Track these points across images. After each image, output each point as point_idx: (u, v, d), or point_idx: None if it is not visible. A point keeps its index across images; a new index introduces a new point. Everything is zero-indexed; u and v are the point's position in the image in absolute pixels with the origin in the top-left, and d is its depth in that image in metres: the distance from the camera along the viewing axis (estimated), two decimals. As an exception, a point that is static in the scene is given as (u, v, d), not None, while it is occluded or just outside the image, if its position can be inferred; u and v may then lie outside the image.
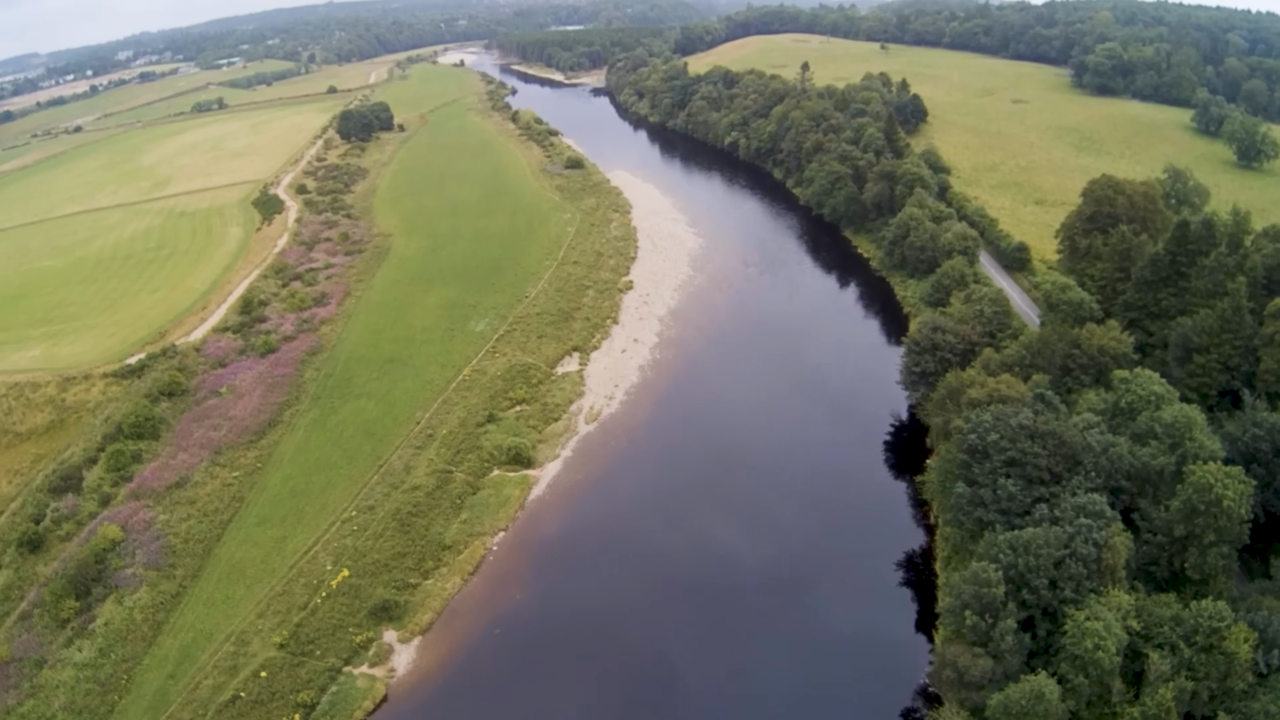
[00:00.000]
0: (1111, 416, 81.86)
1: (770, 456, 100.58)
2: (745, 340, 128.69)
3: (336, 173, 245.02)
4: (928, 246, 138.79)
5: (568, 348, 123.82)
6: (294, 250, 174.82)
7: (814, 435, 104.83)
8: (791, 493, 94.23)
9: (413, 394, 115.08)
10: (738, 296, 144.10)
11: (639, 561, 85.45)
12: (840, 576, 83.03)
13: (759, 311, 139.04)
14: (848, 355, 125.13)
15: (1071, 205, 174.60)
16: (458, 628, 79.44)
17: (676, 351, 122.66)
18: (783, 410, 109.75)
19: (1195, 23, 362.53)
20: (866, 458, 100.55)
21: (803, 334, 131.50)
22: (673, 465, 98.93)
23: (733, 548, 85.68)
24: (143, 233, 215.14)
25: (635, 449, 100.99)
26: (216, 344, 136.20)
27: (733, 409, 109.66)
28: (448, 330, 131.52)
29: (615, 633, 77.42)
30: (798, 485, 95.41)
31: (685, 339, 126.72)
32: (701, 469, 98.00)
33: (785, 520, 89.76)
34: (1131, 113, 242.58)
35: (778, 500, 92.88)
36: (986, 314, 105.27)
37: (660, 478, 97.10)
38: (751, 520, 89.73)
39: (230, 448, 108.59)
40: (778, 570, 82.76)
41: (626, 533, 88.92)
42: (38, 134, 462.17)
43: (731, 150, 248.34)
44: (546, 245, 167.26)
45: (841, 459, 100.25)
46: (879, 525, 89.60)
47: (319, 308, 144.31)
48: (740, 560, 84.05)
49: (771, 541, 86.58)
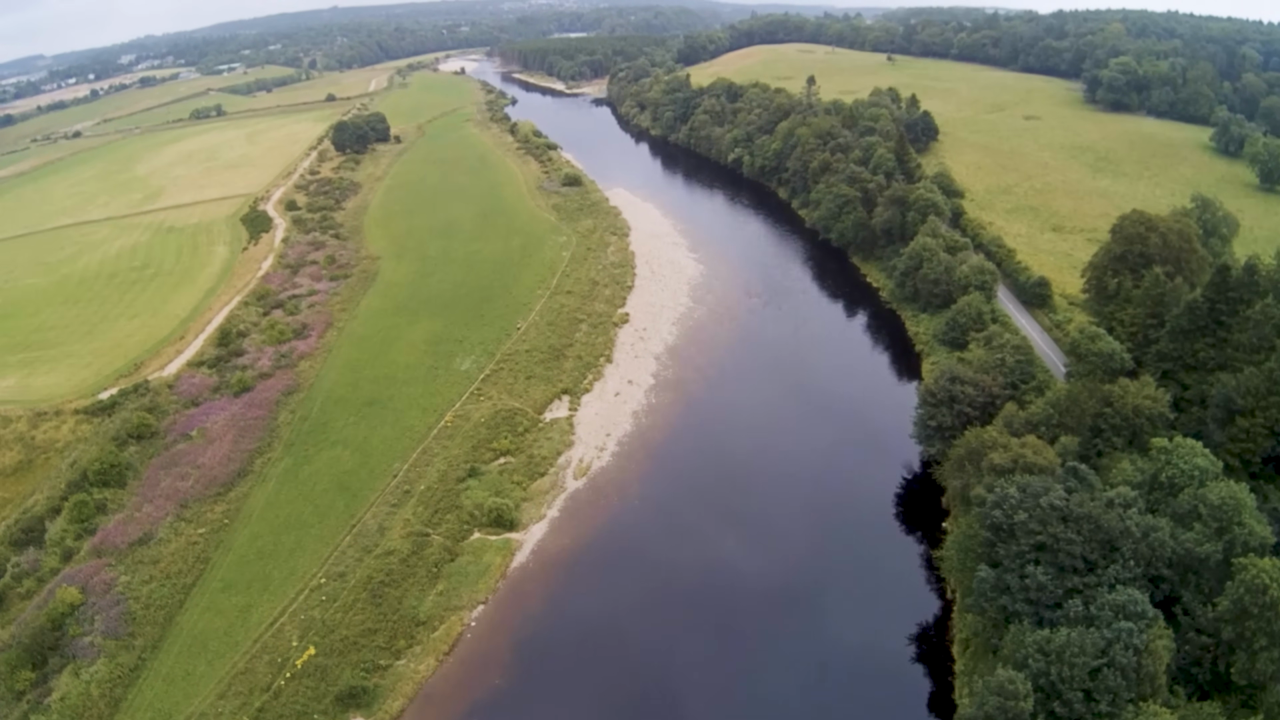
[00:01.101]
0: (1149, 490, 74.38)
1: (773, 514, 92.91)
2: (747, 382, 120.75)
3: (328, 188, 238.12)
4: (942, 280, 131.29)
5: (557, 390, 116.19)
6: (278, 274, 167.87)
7: (820, 491, 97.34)
8: (797, 558, 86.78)
9: (391, 442, 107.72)
10: (740, 331, 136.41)
11: (626, 643, 78.01)
12: (850, 656, 75.55)
13: (762, 349, 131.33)
14: (857, 399, 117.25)
15: (1090, 231, 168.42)
16: (431, 717, 72.18)
17: (674, 395, 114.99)
18: (786, 462, 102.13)
19: (1208, 35, 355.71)
20: (877, 517, 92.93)
21: (808, 374, 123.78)
22: (666, 528, 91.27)
23: (730, 620, 78.13)
24: (129, 250, 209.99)
25: (627, 510, 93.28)
26: (190, 381, 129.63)
27: (732, 462, 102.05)
28: (431, 369, 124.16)
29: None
30: (803, 549, 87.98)
31: (684, 380, 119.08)
32: (697, 532, 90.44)
33: (792, 589, 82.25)
34: (1147, 131, 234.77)
35: (782, 565, 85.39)
36: (1009, 364, 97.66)
37: (653, 544, 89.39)
38: (752, 588, 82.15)
39: (197, 500, 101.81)
40: (783, 648, 75.31)
41: (614, 610, 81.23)
42: (37, 139, 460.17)
43: (735, 167, 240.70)
44: (540, 272, 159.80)
45: (851, 520, 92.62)
46: (891, 595, 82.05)
47: (299, 340, 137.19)
48: (740, 635, 76.53)
49: (775, 613, 79.09)
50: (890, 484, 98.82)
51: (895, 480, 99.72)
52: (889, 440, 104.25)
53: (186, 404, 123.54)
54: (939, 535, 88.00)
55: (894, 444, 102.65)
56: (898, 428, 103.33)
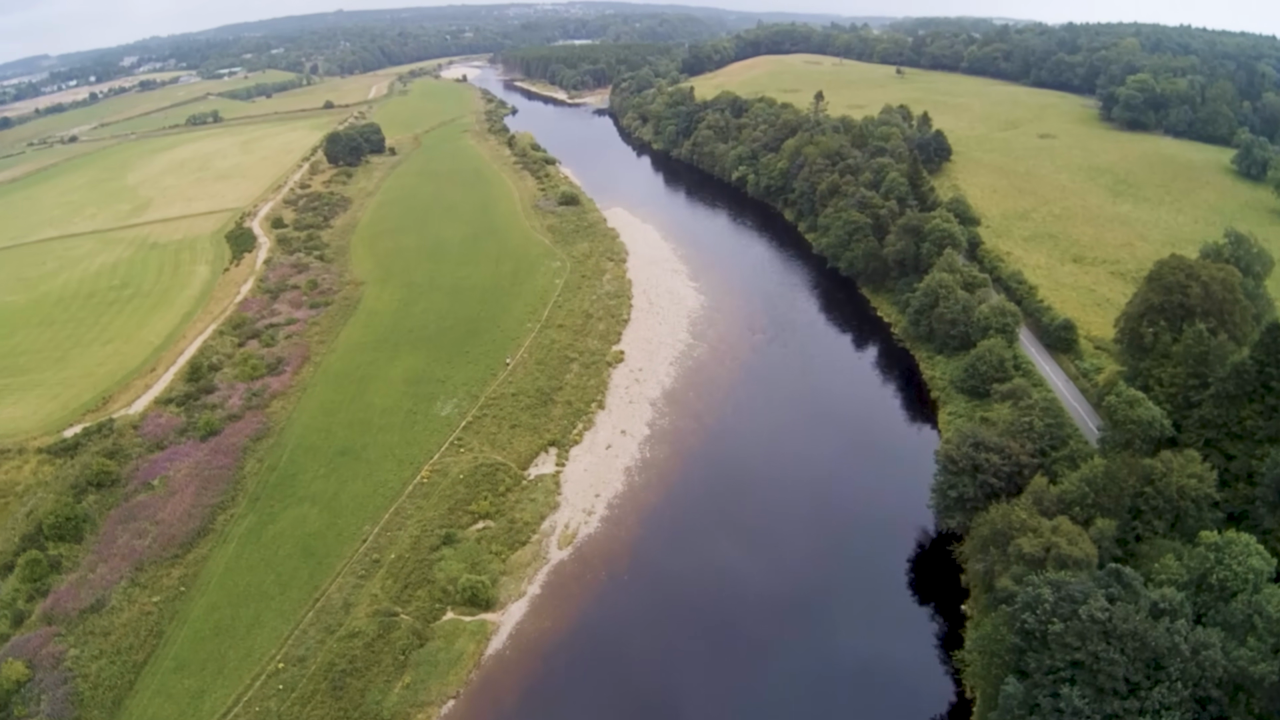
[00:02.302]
0: (1197, 590, 65.97)
1: (777, 590, 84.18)
2: (749, 434, 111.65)
3: (317, 203, 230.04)
4: (960, 320, 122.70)
5: (544, 441, 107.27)
6: (256, 300, 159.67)
7: (828, 562, 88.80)
8: (802, 642, 78.09)
9: (362, 500, 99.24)
10: (743, 373, 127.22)
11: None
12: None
13: (766, 394, 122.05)
14: (867, 451, 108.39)
15: (1113, 263, 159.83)
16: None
17: (670, 449, 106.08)
18: (791, 529, 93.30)
19: (1223, 50, 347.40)
20: (892, 595, 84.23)
21: (815, 425, 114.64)
22: (658, 609, 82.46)
23: None
24: (110, 267, 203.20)
25: (615, 588, 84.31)
26: (157, 421, 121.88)
27: (731, 528, 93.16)
28: (410, 413, 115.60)
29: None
30: (809, 632, 79.28)
31: (681, 431, 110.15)
32: (692, 614, 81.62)
33: (796, 676, 73.70)
34: (1167, 152, 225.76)
35: (786, 650, 76.84)
36: (1038, 428, 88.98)
37: (643, 629, 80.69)
38: (754, 674, 73.51)
39: (154, 563, 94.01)
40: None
41: (598, 711, 72.55)
42: (34, 143, 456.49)
43: (739, 186, 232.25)
44: (531, 302, 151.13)
45: (863, 601, 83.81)
46: (902, 691, 73.26)
47: (272, 377, 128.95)
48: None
49: (780, 701, 70.50)
50: (904, 551, 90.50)
51: (909, 546, 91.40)
52: (902, 502, 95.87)
53: (151, 447, 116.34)
54: (957, 617, 79.64)
55: (907, 506, 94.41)
56: (911, 487, 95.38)
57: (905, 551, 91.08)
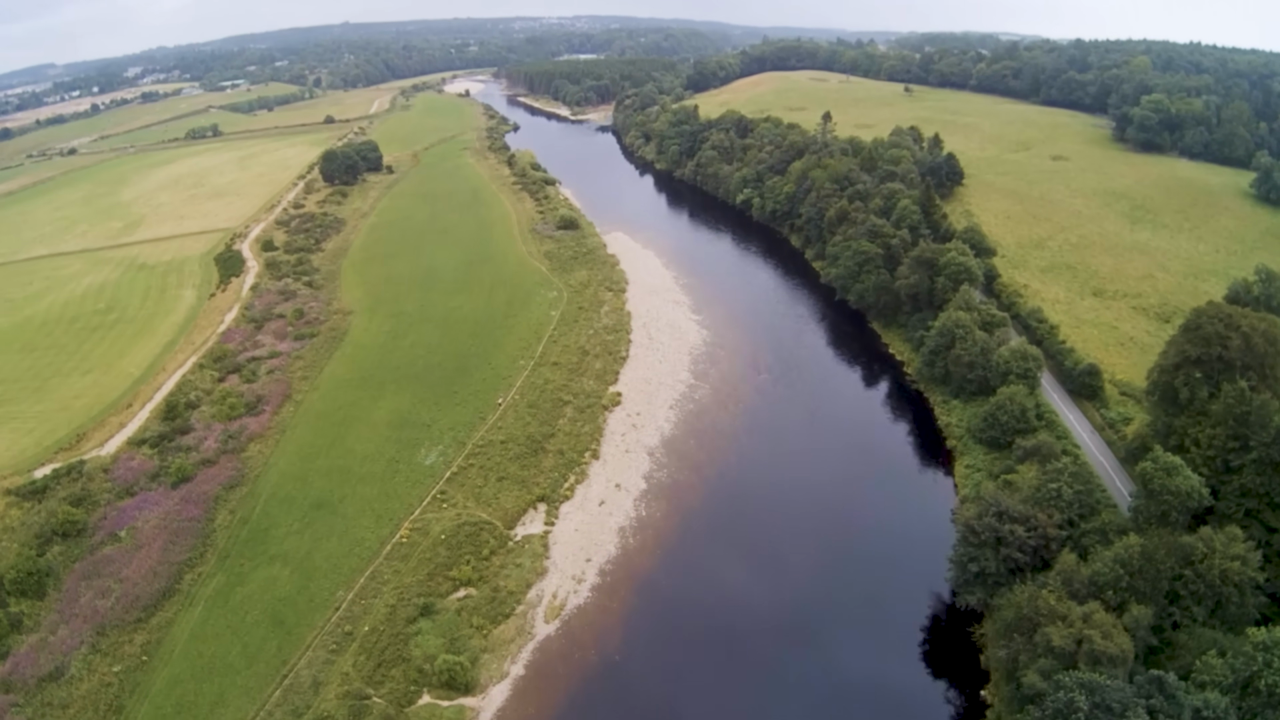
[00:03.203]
0: (1242, 694, 59.05)
1: (779, 666, 76.90)
2: (753, 489, 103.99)
3: (310, 225, 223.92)
4: (978, 363, 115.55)
5: (533, 497, 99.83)
6: (240, 330, 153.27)
7: (836, 638, 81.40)
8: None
9: (337, 560, 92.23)
10: (747, 419, 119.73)
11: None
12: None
13: (772, 444, 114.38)
14: (879, 511, 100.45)
15: (1134, 297, 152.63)
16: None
17: (668, 506, 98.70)
18: (796, 599, 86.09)
19: (1236, 69, 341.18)
20: (904, 674, 76.87)
21: (823, 477, 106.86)
22: (654, 694, 75.12)
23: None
24: (96, 289, 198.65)
25: (606, 669, 76.74)
26: (129, 464, 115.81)
27: (732, 598, 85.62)
28: (392, 461, 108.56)
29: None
30: (815, 710, 71.98)
31: (680, 486, 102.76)
32: (692, 694, 74.25)
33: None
34: (1183, 175, 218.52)
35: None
36: (1066, 496, 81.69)
37: (636, 715, 73.46)
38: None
39: (116, 626, 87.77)
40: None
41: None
42: (33, 154, 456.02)
43: (744, 209, 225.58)
44: (525, 336, 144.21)
45: (873, 676, 76.52)
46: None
47: (251, 417, 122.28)
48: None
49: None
50: (918, 620, 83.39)
51: (923, 615, 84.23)
52: (917, 568, 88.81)
53: (121, 492, 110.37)
54: (976, 703, 72.43)
55: (922, 571, 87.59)
56: (926, 551, 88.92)
57: (920, 620, 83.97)
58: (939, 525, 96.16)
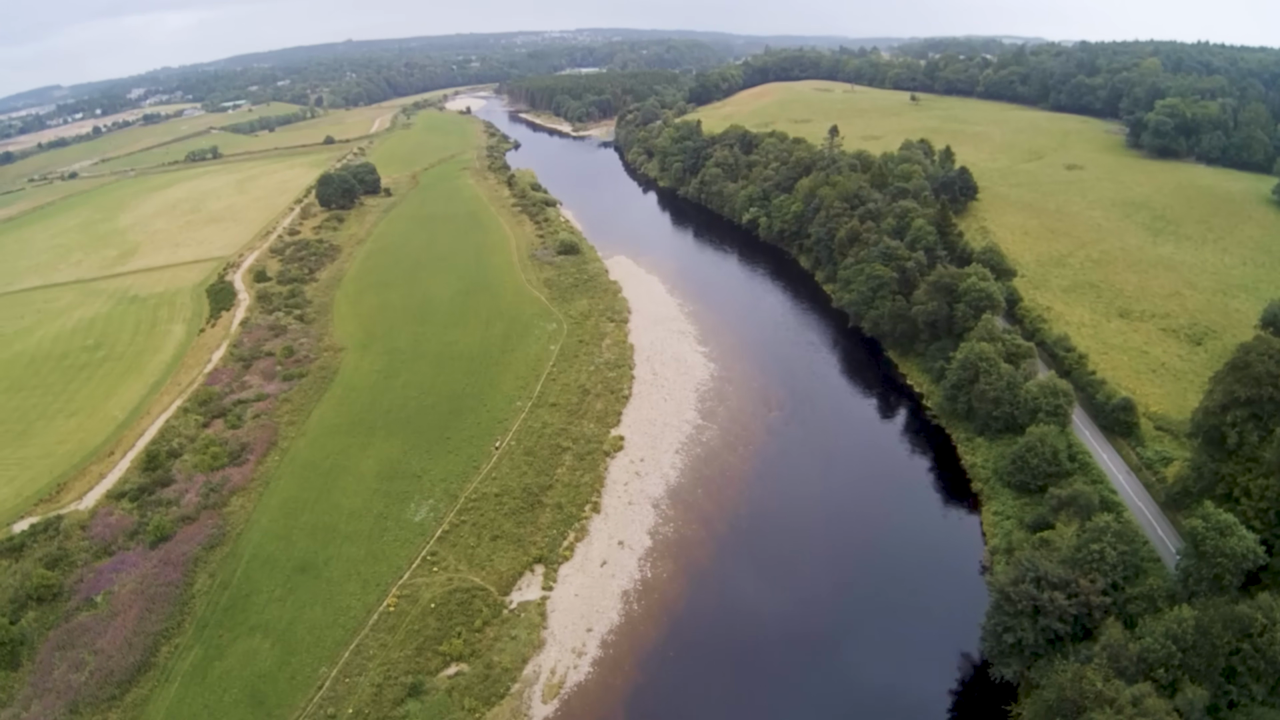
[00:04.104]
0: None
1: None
2: (766, 546, 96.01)
3: (304, 253, 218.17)
4: (1004, 399, 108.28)
5: (529, 559, 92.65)
6: (227, 370, 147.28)
7: (865, 707, 74.38)
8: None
9: (321, 631, 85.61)
10: (758, 462, 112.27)
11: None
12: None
13: (785, 491, 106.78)
14: (902, 565, 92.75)
15: (1162, 317, 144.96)
16: None
17: (675, 566, 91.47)
18: (815, 669, 79.06)
19: (1247, 68, 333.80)
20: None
21: (841, 529, 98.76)
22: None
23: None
24: (86, 323, 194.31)
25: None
26: (107, 520, 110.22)
27: (743, 670, 78.53)
28: (380, 517, 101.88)
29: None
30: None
31: (688, 542, 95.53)
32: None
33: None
34: (1202, 182, 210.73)
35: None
36: (1109, 559, 74.36)
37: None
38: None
39: (90, 703, 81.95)
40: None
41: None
42: (34, 178, 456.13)
43: (750, 229, 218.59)
44: (522, 373, 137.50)
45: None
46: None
47: (234, 467, 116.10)
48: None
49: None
50: (946, 684, 76.36)
51: (952, 679, 77.33)
52: (945, 625, 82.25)
53: (99, 552, 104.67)
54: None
55: (949, 632, 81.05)
56: (953, 608, 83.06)
57: (950, 686, 77.11)
58: (968, 578, 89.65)
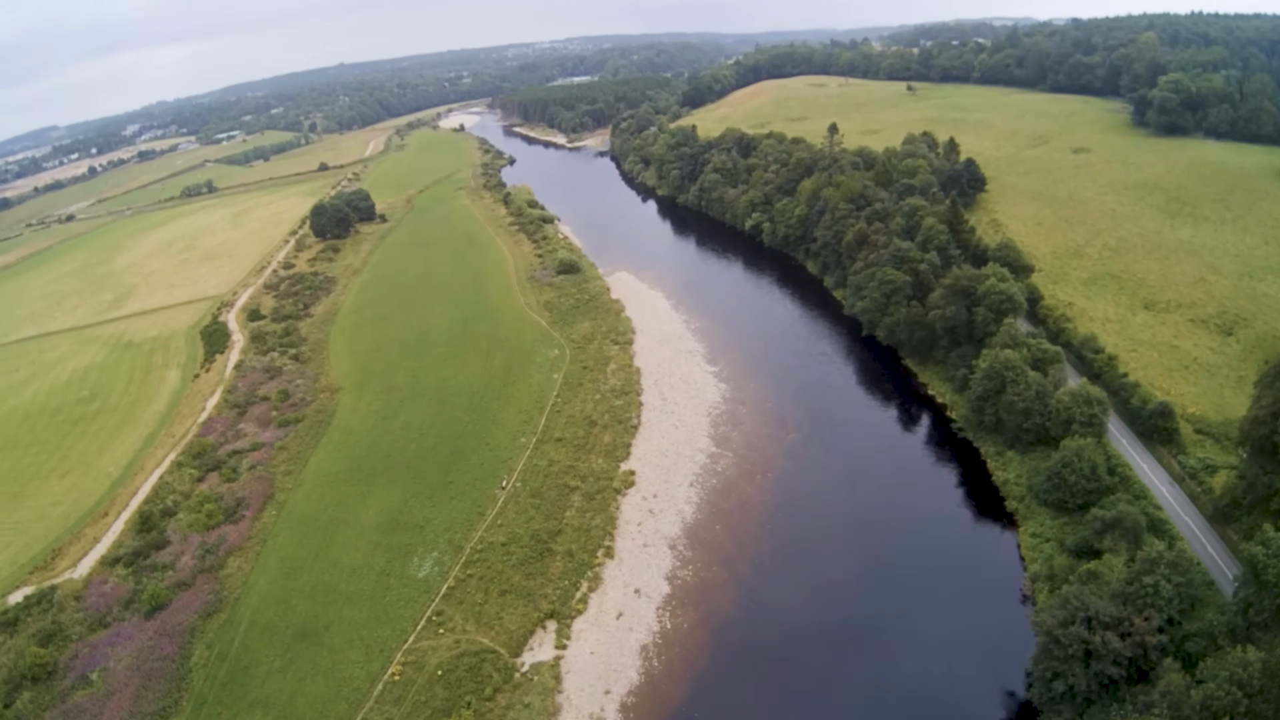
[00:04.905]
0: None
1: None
2: (792, 584, 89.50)
3: (299, 287, 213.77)
4: (1034, 410, 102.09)
5: (541, 614, 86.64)
6: (221, 419, 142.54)
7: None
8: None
9: (323, 705, 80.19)
10: (779, 491, 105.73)
11: None
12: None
13: (810, 522, 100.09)
14: (936, 596, 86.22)
15: (1190, 307, 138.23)
16: None
17: (696, 615, 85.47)
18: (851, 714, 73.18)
19: (1244, 36, 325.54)
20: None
21: (871, 559, 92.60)
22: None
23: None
24: (81, 374, 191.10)
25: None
26: (101, 589, 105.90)
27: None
28: (382, 574, 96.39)
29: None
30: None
31: (708, 586, 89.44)
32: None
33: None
34: (1213, 159, 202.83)
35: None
36: (1165, 593, 68.14)
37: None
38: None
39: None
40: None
41: None
42: (32, 223, 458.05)
43: (754, 235, 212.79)
44: (525, 407, 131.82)
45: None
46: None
47: (230, 525, 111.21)
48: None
49: None
50: None
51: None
52: (986, 661, 77.03)
53: (94, 623, 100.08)
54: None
55: (993, 664, 76.25)
56: (995, 635, 78.75)
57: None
58: (1008, 608, 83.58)
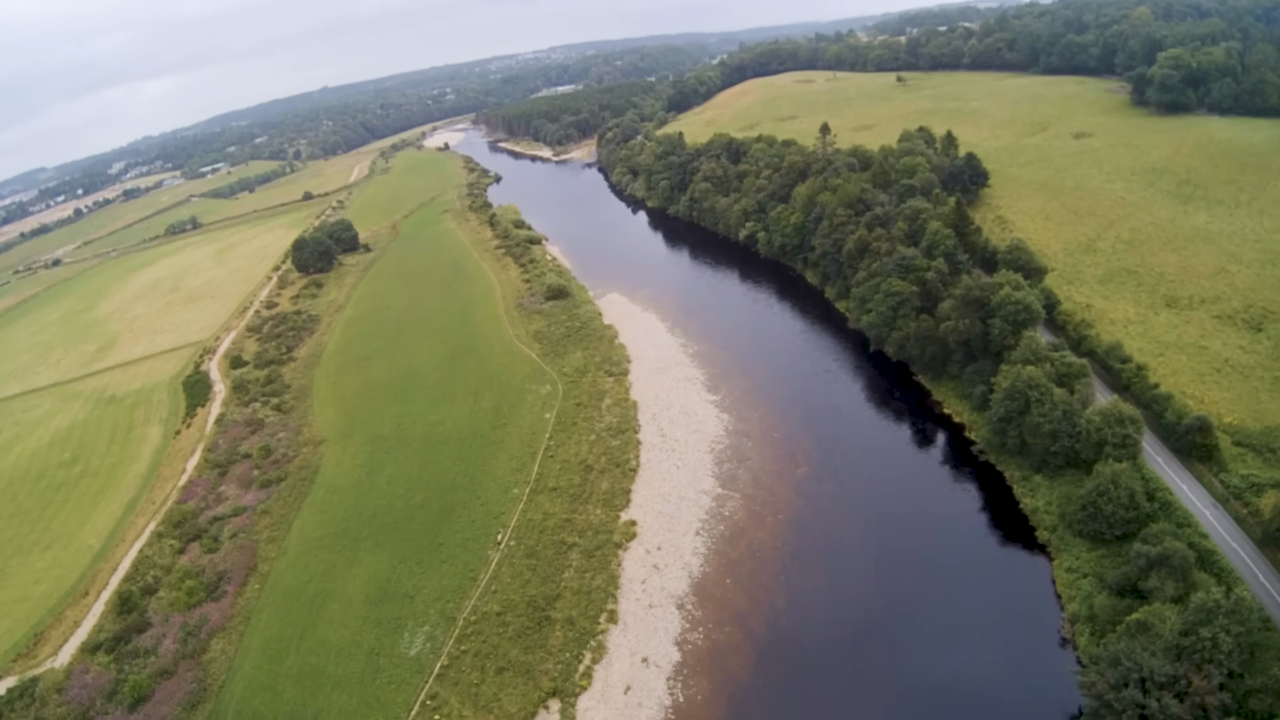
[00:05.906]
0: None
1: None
2: (811, 641, 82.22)
3: (282, 328, 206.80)
4: (1061, 432, 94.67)
5: (542, 693, 79.13)
6: (202, 481, 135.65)
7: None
8: None
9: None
10: (791, 535, 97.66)
11: None
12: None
13: (827, 568, 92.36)
14: (971, 643, 78.59)
15: (1213, 302, 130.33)
16: None
17: (710, 684, 77.85)
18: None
19: (1238, 5, 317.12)
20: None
21: (896, 608, 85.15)
22: None
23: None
24: (64, 434, 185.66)
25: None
26: (83, 679, 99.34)
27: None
28: (371, 653, 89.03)
29: None
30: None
31: (721, 650, 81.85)
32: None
33: None
34: (1220, 137, 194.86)
35: None
36: (1224, 645, 60.75)
37: None
38: None
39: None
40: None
41: None
42: (19, 270, 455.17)
43: (749, 245, 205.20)
44: (517, 452, 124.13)
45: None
46: None
47: (212, 603, 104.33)
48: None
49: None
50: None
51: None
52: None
53: (78, 716, 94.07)
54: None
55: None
56: (1036, 690, 71.39)
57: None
58: (1047, 653, 76.24)
